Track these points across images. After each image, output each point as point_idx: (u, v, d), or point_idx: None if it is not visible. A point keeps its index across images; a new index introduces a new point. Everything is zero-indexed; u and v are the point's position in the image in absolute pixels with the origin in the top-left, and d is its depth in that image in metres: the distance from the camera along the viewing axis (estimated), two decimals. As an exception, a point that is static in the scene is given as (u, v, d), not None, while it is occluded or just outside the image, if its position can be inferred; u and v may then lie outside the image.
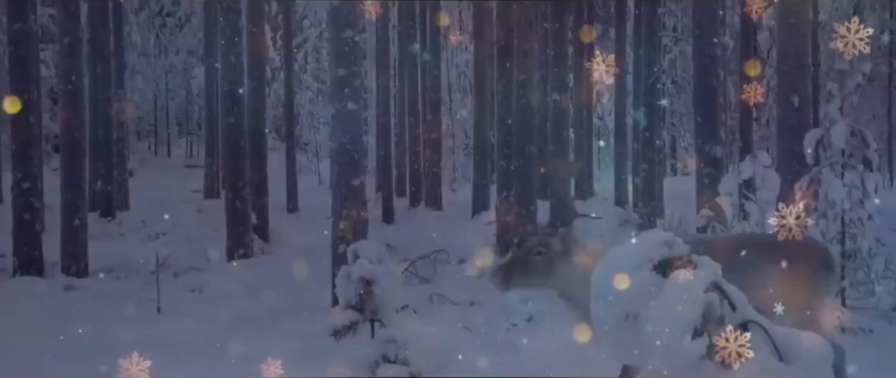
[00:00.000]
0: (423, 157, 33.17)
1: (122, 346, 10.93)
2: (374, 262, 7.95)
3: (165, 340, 12.85)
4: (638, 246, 5.94)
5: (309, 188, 37.77)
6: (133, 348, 11.19)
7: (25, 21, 19.58)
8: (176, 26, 54.40)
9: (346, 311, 7.91)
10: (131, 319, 15.09)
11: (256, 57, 25.18)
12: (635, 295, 5.72)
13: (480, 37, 30.56)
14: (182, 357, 11.42)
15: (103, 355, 12.05)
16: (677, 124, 51.02)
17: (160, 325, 14.57)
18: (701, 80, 19.45)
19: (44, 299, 16.85)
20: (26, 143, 19.63)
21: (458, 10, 48.91)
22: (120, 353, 11.05)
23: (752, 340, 5.49)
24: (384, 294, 7.89)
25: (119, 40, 32.44)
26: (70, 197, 19.80)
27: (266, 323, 14.72)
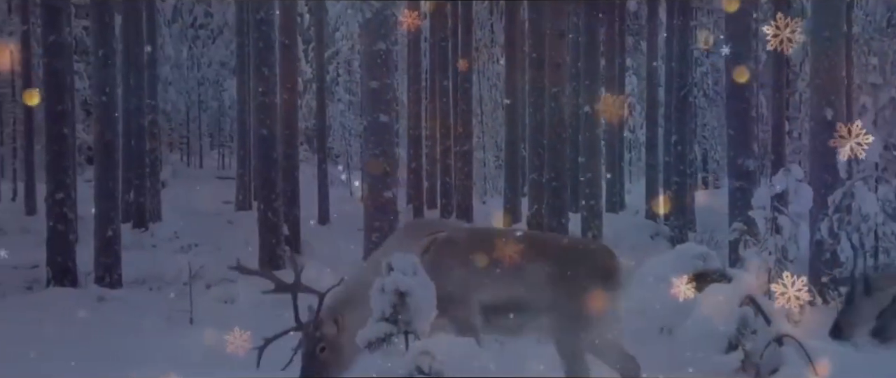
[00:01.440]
0: (454, 170, 33.19)
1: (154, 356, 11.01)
2: (408, 274, 7.93)
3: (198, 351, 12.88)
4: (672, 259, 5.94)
5: (340, 200, 37.80)
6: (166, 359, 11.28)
7: (60, 33, 19.68)
8: (208, 38, 54.55)
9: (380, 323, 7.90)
10: (164, 330, 15.14)
11: (289, 69, 25.23)
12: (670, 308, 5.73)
13: (512, 48, 30.54)
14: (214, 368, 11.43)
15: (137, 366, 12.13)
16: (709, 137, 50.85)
17: (192, 336, 14.60)
18: (733, 92, 19.38)
19: (77, 310, 16.89)
20: (60, 155, 19.71)
21: (489, 22, 48.93)
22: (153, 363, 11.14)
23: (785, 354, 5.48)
24: (418, 306, 7.87)
25: (152, 52, 32.53)
26: (103, 208, 19.87)
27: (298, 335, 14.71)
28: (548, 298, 9.70)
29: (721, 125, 45.09)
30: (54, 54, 19.70)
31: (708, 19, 43.32)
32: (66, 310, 16.80)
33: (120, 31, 27.33)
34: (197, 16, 54.06)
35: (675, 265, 5.84)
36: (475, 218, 32.00)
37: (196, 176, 49.90)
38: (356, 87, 47.74)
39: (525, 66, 26.02)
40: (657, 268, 5.92)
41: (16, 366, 12.62)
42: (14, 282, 19.84)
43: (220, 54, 53.84)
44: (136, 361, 12.37)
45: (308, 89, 44.32)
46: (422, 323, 7.94)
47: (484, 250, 9.50)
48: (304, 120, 41.68)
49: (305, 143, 44.52)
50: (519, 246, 9.67)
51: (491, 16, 48.76)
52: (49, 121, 19.82)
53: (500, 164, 40.49)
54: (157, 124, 32.43)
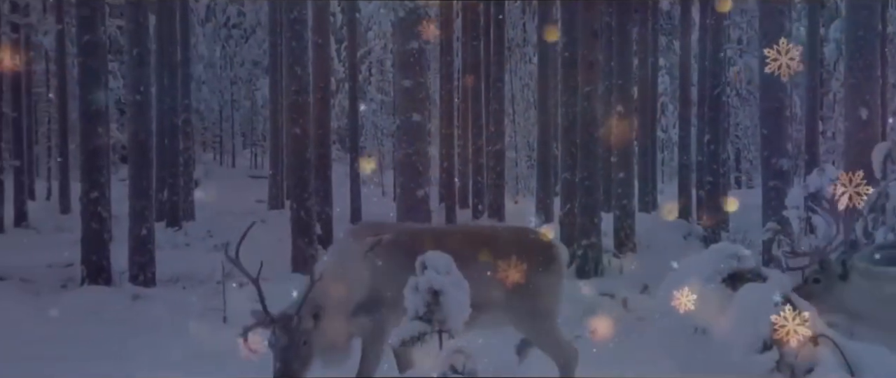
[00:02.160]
0: (486, 169, 33.19)
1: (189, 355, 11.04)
2: (442, 273, 7.93)
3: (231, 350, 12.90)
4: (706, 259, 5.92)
5: (372, 199, 37.86)
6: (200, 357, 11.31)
7: (95, 33, 19.75)
8: (241, 38, 54.78)
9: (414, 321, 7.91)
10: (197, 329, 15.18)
11: (321, 68, 25.29)
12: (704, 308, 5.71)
13: (544, 48, 30.50)
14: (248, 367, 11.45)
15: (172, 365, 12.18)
16: (742, 137, 50.71)
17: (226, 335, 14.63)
18: (767, 92, 19.31)
19: (112, 308, 16.97)
20: (95, 154, 19.78)
21: (522, 21, 48.92)
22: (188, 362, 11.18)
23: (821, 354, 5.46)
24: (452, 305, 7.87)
25: (186, 52, 32.65)
26: (137, 206, 19.95)
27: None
28: (499, 294, 9.81)
29: (754, 125, 45.04)
30: (89, 53, 19.77)
31: (741, 18, 43.21)
32: (101, 308, 16.88)
33: (154, 30, 27.45)
34: (230, 15, 54.31)
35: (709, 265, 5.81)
36: (507, 218, 31.99)
37: (229, 175, 50.10)
38: (388, 87, 47.87)
39: (557, 66, 25.95)
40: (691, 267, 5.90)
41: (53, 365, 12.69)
42: (49, 280, 19.94)
43: (253, 53, 54.08)
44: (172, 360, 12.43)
45: (340, 89, 44.45)
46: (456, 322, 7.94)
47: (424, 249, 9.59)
48: (336, 119, 41.76)
49: (337, 142, 44.63)
50: (463, 243, 9.77)
51: (523, 15, 48.74)
52: (83, 120, 19.90)
53: (532, 164, 40.47)
54: (190, 123, 32.58)
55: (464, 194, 35.62)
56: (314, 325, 8.93)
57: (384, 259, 9.57)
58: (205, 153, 55.30)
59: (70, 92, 34.38)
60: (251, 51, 54.42)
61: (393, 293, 9.41)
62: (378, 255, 9.55)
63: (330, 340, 9.18)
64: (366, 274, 9.54)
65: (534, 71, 40.17)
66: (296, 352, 8.80)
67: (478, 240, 10.11)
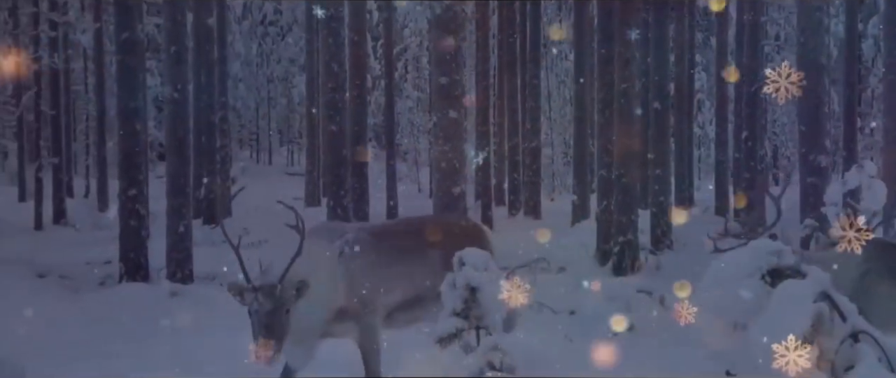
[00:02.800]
0: (522, 166, 33.18)
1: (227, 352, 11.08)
2: (479, 270, 7.94)
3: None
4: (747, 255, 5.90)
5: (409, 196, 37.90)
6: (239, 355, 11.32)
7: (133, 30, 19.84)
8: (278, 35, 54.98)
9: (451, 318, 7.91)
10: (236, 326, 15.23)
11: (357, 66, 25.33)
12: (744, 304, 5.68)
13: (581, 45, 30.46)
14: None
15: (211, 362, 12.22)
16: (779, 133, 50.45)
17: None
18: (805, 88, 19.17)
19: (150, 305, 17.02)
20: (133, 151, 19.86)
21: (558, 18, 48.85)
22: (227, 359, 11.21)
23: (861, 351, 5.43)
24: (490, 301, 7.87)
25: (223, 49, 32.77)
26: (175, 204, 20.03)
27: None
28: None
29: (791, 121, 44.80)
30: (127, 51, 19.85)
31: (779, 14, 43.00)
32: (140, 305, 16.95)
33: (191, 28, 27.54)
34: (266, 13, 54.50)
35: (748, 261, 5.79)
36: (543, 215, 31.98)
37: (265, 172, 50.25)
38: (424, 84, 47.86)
39: (594, 63, 25.90)
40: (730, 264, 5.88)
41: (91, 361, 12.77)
42: (88, 277, 20.04)
43: (290, 51, 54.26)
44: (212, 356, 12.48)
45: (376, 86, 44.47)
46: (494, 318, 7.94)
47: (390, 247, 9.70)
48: (372, 116, 41.79)
49: (374, 139, 44.68)
50: (415, 237, 9.84)
51: (559, 12, 48.69)
52: (121, 117, 19.99)
53: (569, 161, 40.44)
54: (227, 121, 32.68)
55: (500, 192, 35.63)
56: (295, 298, 8.87)
57: (355, 260, 9.60)
58: (242, 151, 55.51)
59: (108, 90, 34.55)
60: (288, 48, 54.63)
61: (369, 292, 9.49)
62: (349, 257, 9.56)
63: (300, 331, 9.09)
64: (341, 276, 9.53)
65: (570, 68, 40.10)
66: (278, 317, 8.76)
67: (425, 232, 10.20)
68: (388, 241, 9.90)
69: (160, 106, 39.72)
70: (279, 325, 8.75)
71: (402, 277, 9.83)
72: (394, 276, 9.77)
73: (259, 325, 8.74)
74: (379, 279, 9.67)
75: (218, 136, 30.06)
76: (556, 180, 47.19)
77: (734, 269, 5.85)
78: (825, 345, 5.37)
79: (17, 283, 18.52)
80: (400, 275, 9.81)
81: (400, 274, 9.81)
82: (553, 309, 16.42)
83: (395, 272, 9.80)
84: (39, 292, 18.06)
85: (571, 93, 37.03)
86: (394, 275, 9.77)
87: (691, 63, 36.39)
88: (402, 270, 9.83)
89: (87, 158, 42.99)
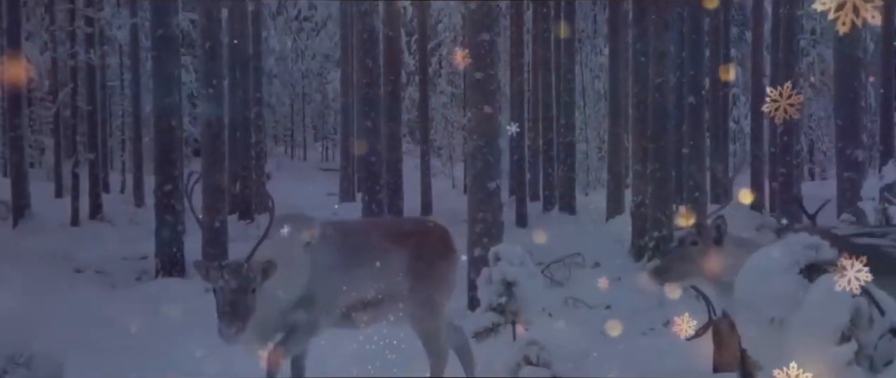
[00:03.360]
0: (557, 161, 33.12)
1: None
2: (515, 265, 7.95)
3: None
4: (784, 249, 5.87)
5: (443, 192, 37.91)
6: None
7: (168, 27, 19.93)
8: (313, 31, 55.07)
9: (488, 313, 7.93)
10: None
11: (392, 61, 25.34)
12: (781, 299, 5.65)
13: (615, 39, 30.37)
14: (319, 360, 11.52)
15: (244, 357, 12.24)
16: (815, 127, 50.23)
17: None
18: (842, 83, 19.11)
19: (185, 300, 17.08)
20: (168, 147, 19.97)
21: (592, 12, 48.74)
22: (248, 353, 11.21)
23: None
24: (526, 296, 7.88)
25: (257, 45, 32.86)
26: (210, 199, 20.11)
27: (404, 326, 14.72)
28: (407, 285, 9.84)
29: (828, 115, 44.60)
30: (162, 47, 19.96)
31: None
32: (176, 300, 16.99)
33: (226, 24, 27.63)
34: (301, 8, 54.59)
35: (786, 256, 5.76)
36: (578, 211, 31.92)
37: (300, 168, 50.34)
38: (458, 80, 47.84)
39: (628, 57, 25.84)
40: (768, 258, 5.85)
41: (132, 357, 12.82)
42: (124, 272, 20.15)
43: (324, 47, 54.34)
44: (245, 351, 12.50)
45: (411, 81, 44.51)
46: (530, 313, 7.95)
47: (356, 245, 9.67)
48: (406, 112, 41.83)
49: (408, 135, 44.71)
50: (381, 237, 9.83)
51: (594, 6, 48.58)
52: (157, 113, 20.10)
53: (603, 156, 40.34)
54: (261, 117, 32.79)
55: (534, 187, 35.58)
56: (262, 279, 8.71)
57: (321, 254, 9.50)
58: (276, 146, 55.63)
59: (143, 85, 34.72)
60: (322, 44, 54.72)
61: (328, 289, 9.44)
62: (316, 249, 9.46)
63: (261, 316, 8.91)
64: (305, 269, 9.40)
65: (604, 62, 40.00)
66: (244, 296, 8.59)
67: (392, 232, 10.16)
68: (356, 239, 9.84)
69: (195, 102, 39.86)
70: (244, 304, 8.59)
71: (364, 277, 9.69)
72: (356, 275, 9.64)
73: (224, 302, 8.59)
74: (341, 275, 9.54)
75: (252, 131, 30.16)
76: (591, 175, 47.06)
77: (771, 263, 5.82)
78: (863, 340, 5.34)
79: (55, 278, 18.65)
80: (363, 274, 9.67)
81: (363, 273, 9.67)
82: (588, 304, 16.41)
83: (359, 270, 9.66)
84: (77, 287, 18.18)
85: (606, 87, 36.91)
86: (357, 273, 9.64)
87: (726, 57, 36.18)
88: (365, 270, 9.69)
89: (122, 154, 43.20)
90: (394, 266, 9.81)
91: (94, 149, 32.20)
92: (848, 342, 5.36)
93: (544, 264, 18.98)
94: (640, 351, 12.51)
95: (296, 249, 9.31)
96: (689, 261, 9.01)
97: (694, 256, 9.00)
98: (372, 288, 9.76)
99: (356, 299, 9.71)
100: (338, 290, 9.52)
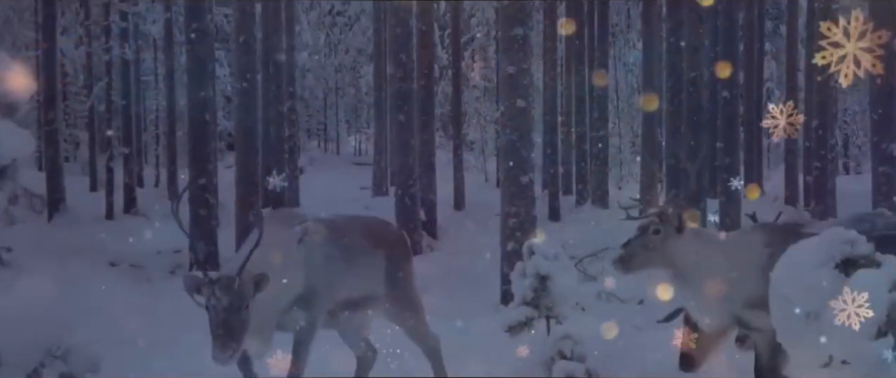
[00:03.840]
0: (590, 156, 33.05)
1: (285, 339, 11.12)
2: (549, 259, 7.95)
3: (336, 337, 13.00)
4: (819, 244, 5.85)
5: (475, 186, 37.88)
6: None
7: (202, 21, 19.98)
8: (346, 25, 55.10)
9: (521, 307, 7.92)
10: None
11: (425, 55, 25.32)
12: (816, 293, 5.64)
13: (649, 33, 30.27)
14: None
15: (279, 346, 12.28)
16: (850, 121, 49.96)
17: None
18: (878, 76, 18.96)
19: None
20: (202, 141, 20.03)
21: (626, 6, 48.62)
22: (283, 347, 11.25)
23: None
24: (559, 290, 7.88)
25: (291, 39, 32.91)
26: (244, 193, 20.18)
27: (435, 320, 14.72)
28: (386, 285, 9.95)
29: (863, 109, 44.34)
30: (196, 42, 20.00)
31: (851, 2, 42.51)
32: (211, 294, 17.00)
33: (259, 18, 27.68)
34: (334, 3, 54.60)
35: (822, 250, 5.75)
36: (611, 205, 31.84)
37: (333, 162, 50.40)
38: (491, 74, 47.79)
39: (662, 51, 25.76)
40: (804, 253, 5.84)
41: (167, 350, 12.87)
42: (158, 266, 20.24)
43: (357, 41, 54.37)
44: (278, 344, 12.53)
45: (444, 75, 44.49)
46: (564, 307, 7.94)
47: (345, 243, 9.66)
48: (439, 106, 41.80)
49: (441, 129, 44.70)
50: (364, 236, 9.88)
51: (627, 1, 48.44)
52: (191, 108, 20.17)
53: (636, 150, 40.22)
54: (295, 111, 32.84)
55: (567, 181, 35.52)
56: (254, 292, 8.33)
57: (314, 249, 9.38)
58: (309, 141, 55.70)
59: (177, 80, 34.83)
60: (355, 38, 54.75)
61: (324, 285, 9.37)
62: (308, 246, 9.30)
63: (258, 319, 8.59)
64: (300, 265, 9.22)
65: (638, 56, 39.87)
66: (237, 313, 8.19)
67: (371, 231, 10.16)
68: (344, 237, 9.75)
69: (229, 96, 39.94)
70: (238, 322, 8.23)
71: (353, 275, 9.67)
72: (346, 273, 9.59)
73: (216, 322, 8.24)
74: (333, 273, 9.46)
75: (286, 126, 30.20)
76: (624, 169, 46.94)
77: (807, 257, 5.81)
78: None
79: (90, 271, 18.74)
80: (352, 272, 9.65)
81: (352, 271, 9.66)
82: (621, 298, 16.38)
83: (349, 269, 9.63)
84: (111, 281, 18.25)
85: (639, 81, 36.81)
86: (347, 271, 9.60)
87: (760, 51, 36.06)
88: (354, 268, 9.68)
89: (156, 148, 43.33)
90: (376, 264, 9.80)
91: (129, 143, 32.33)
92: (884, 337, 5.35)
93: (578, 258, 18.95)
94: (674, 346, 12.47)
95: (289, 248, 9.13)
96: (652, 249, 9.15)
97: (656, 244, 9.16)
98: (359, 285, 9.75)
99: (345, 297, 9.66)
100: (334, 285, 9.47)
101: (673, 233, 9.17)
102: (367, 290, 9.78)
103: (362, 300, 9.80)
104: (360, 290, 9.75)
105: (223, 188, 21.81)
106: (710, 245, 9.29)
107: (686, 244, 9.15)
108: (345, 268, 9.55)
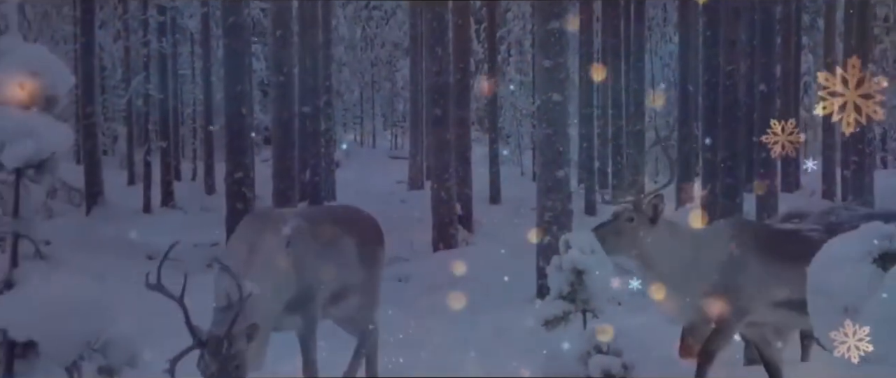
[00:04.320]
0: (626, 150, 33.00)
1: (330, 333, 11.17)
2: (585, 253, 7.94)
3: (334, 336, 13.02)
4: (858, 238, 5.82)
5: (511, 179, 37.86)
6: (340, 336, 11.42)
7: (239, 15, 20.05)
8: (382, 19, 55.19)
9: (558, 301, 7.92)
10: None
11: (461, 49, 25.32)
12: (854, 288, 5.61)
13: (685, 27, 30.21)
14: (386, 347, 11.57)
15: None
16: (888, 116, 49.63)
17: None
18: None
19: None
20: (239, 135, 20.09)
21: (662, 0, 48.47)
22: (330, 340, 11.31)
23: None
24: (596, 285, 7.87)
25: (327, 33, 32.97)
26: (280, 187, 20.25)
27: (471, 314, 14.75)
28: (361, 275, 10.00)
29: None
30: (233, 35, 20.07)
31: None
32: (247, 287, 17.07)
33: (296, 12, 27.74)
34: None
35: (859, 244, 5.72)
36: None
37: (369, 156, 50.47)
38: (527, 68, 47.76)
39: (698, 45, 25.66)
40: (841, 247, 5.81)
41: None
42: (195, 260, 20.30)
43: (394, 35, 54.43)
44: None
45: (480, 69, 44.48)
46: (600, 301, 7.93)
47: (325, 236, 9.66)
48: (475, 100, 41.80)
49: (477, 123, 44.70)
50: (340, 226, 9.91)
51: (664, -6, 48.34)
52: (228, 101, 20.24)
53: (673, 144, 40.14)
54: (331, 105, 32.90)
55: (603, 175, 35.48)
56: (247, 345, 8.17)
57: (301, 248, 9.35)
58: (346, 134, 55.81)
59: (214, 74, 34.99)
60: (392, 32, 54.82)
61: (316, 283, 9.42)
62: (295, 248, 9.25)
63: (256, 349, 8.49)
64: (291, 269, 9.18)
65: (674, 50, 39.75)
66: (229, 374, 8.04)
67: (343, 220, 10.18)
68: (323, 229, 9.77)
69: (266, 90, 40.09)
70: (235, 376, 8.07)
71: (336, 267, 9.68)
72: (330, 266, 9.59)
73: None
74: (322, 269, 9.49)
75: (322, 119, 30.26)
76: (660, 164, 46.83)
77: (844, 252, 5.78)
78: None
79: (128, 265, 18.81)
80: (334, 264, 9.66)
81: (334, 264, 9.67)
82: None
83: (331, 261, 9.63)
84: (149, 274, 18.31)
85: (675, 75, 36.72)
86: (330, 264, 9.60)
87: (798, 45, 35.89)
88: (335, 260, 9.69)
89: (194, 142, 43.53)
90: (354, 256, 9.81)
91: (166, 137, 32.55)
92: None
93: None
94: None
95: (277, 251, 9.10)
96: (624, 235, 9.36)
97: (628, 231, 9.37)
98: (344, 275, 9.81)
99: (329, 291, 9.70)
100: (324, 280, 9.52)
101: (646, 222, 9.39)
102: (351, 278, 9.84)
103: (345, 291, 9.82)
104: (345, 279, 9.82)
105: (260, 182, 21.88)
106: (680, 238, 9.51)
107: (658, 235, 9.38)
108: (330, 261, 9.57)
